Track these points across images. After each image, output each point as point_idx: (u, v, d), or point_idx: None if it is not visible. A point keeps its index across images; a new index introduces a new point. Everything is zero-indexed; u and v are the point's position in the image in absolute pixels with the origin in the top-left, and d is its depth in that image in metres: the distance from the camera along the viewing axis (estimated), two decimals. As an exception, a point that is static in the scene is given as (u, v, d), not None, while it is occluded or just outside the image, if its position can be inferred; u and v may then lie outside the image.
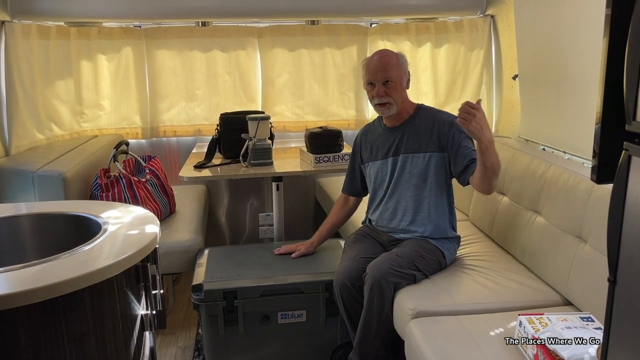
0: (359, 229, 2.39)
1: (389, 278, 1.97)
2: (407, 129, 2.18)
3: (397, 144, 2.19)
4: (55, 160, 2.63)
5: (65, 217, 1.64)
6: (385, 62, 2.11)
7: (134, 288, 1.39)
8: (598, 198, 1.78)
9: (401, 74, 2.13)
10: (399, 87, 2.12)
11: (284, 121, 3.45)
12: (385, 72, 2.10)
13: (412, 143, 2.15)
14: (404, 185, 2.18)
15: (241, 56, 3.34)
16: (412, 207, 2.17)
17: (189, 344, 2.65)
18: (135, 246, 1.35)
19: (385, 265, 2.01)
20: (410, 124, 2.18)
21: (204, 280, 2.26)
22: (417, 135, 2.15)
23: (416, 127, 2.16)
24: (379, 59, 2.14)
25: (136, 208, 1.69)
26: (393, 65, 2.11)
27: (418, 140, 2.14)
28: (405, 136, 2.17)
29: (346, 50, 3.40)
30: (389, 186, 2.22)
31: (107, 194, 2.58)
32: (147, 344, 1.49)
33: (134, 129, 3.37)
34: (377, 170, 2.26)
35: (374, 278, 1.98)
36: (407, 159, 2.16)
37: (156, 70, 3.28)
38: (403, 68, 2.14)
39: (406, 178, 2.17)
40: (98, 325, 1.27)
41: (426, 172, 2.13)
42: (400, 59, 2.15)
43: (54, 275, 1.18)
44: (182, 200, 3.07)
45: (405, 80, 2.16)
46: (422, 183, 2.14)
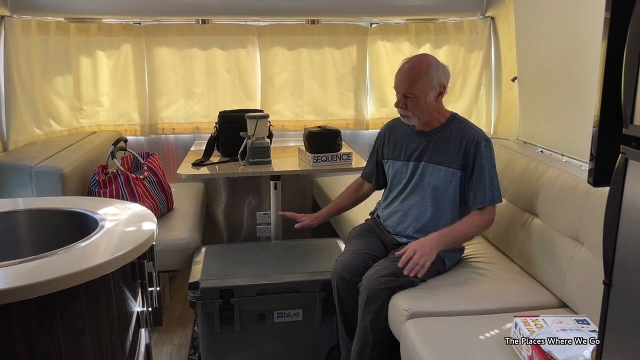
0: (366, 222, 2.38)
1: (384, 290, 1.96)
2: (435, 137, 2.11)
3: (422, 150, 2.13)
4: (53, 156, 2.62)
5: (63, 213, 1.64)
6: (411, 76, 2.03)
7: (130, 285, 1.39)
8: (595, 200, 1.78)
9: (427, 90, 2.02)
10: (421, 102, 2.03)
11: (282, 120, 3.45)
12: (407, 87, 2.03)
13: (437, 154, 2.10)
14: (420, 194, 2.14)
15: (241, 54, 3.33)
16: (423, 217, 2.13)
17: (184, 342, 2.65)
18: (131, 243, 1.34)
19: (380, 279, 1.97)
20: (439, 133, 2.11)
21: (201, 278, 2.26)
22: (444, 147, 2.09)
23: (445, 138, 2.09)
24: (407, 70, 2.05)
25: (133, 205, 1.69)
26: (419, 80, 2.01)
27: (445, 152, 2.08)
28: (432, 144, 2.11)
29: (346, 50, 3.40)
30: (404, 189, 2.19)
31: (104, 191, 2.57)
32: (143, 341, 1.49)
33: (132, 126, 3.37)
34: (397, 171, 2.22)
35: (368, 291, 1.97)
36: (429, 168, 2.11)
37: (155, 67, 3.28)
38: (432, 82, 2.02)
39: (424, 187, 2.13)
40: (94, 322, 1.27)
41: (445, 187, 2.09)
42: (431, 72, 2.02)
43: (50, 271, 1.18)
44: (179, 198, 3.07)
45: (434, 95, 2.04)
46: (438, 196, 2.10)
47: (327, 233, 3.57)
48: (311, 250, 2.54)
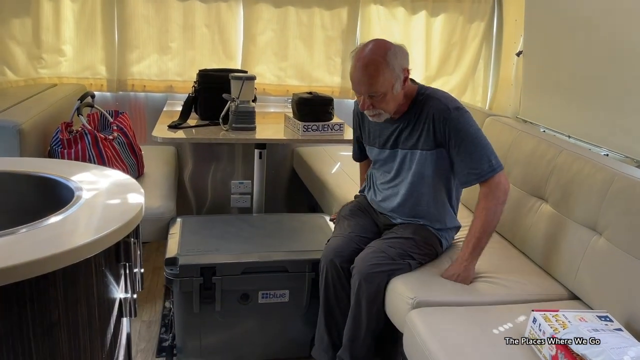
0: (356, 199, 2.21)
1: (379, 274, 1.82)
2: (406, 121, 1.91)
3: (396, 137, 1.94)
4: (9, 109, 2.31)
5: (28, 178, 1.38)
6: (370, 73, 1.76)
7: (113, 268, 1.17)
8: (619, 190, 1.67)
9: (391, 81, 1.78)
10: (389, 96, 1.80)
11: (264, 83, 3.20)
12: (369, 87, 1.79)
13: (409, 138, 1.91)
14: (405, 180, 1.97)
15: (222, 8, 3.05)
16: (409, 201, 1.97)
17: (154, 319, 2.44)
18: (118, 219, 1.12)
19: (374, 260, 1.84)
20: (408, 117, 1.90)
21: (179, 253, 2.05)
22: (415, 130, 1.88)
23: (415, 119, 1.88)
24: (363, 67, 1.77)
25: (113, 172, 1.45)
26: (380, 75, 1.76)
27: (416, 135, 1.88)
28: (404, 130, 1.91)
29: (336, 12, 3.16)
30: (388, 175, 2.02)
31: (69, 151, 2.30)
32: (124, 332, 1.28)
33: (98, 80, 3.05)
34: (375, 157, 2.06)
35: (362, 274, 1.82)
36: (406, 154, 1.93)
37: (127, 16, 2.96)
38: (395, 71, 1.78)
39: (404, 174, 1.96)
40: (71, 313, 1.05)
41: (423, 170, 1.90)
42: (390, 61, 1.76)
43: (18, 253, 0.95)
44: (149, 163, 2.80)
45: (400, 83, 1.80)
46: (419, 181, 1.93)
47: (301, 208, 3.40)
48: (298, 227, 2.36)
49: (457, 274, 1.81)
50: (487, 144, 1.82)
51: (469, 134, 1.80)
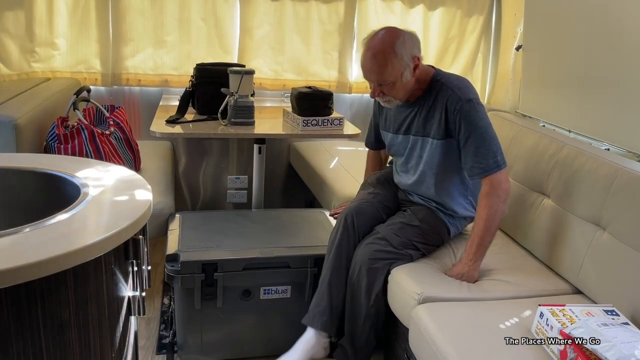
0: (386, 170, 2.28)
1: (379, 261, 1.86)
2: (420, 107, 1.94)
3: (410, 122, 1.98)
4: (4, 103, 2.27)
5: (32, 175, 1.35)
6: (379, 63, 1.80)
7: (122, 266, 1.15)
8: (622, 185, 1.67)
9: (400, 70, 1.81)
10: (398, 84, 1.84)
11: (260, 78, 3.17)
12: (377, 75, 1.83)
13: (422, 125, 1.94)
14: (417, 167, 2.01)
15: (218, 2, 3.01)
16: (421, 186, 2.01)
17: (153, 316, 2.42)
18: (127, 217, 1.10)
19: (376, 247, 1.87)
20: (424, 101, 1.92)
21: (179, 249, 2.03)
22: (429, 117, 1.91)
23: (429, 106, 1.91)
24: (372, 57, 1.82)
25: (117, 167, 1.42)
26: (388, 64, 1.79)
27: (430, 122, 1.91)
28: (417, 115, 1.95)
29: (333, 6, 3.14)
30: (402, 161, 2.08)
31: (65, 146, 2.26)
32: (133, 330, 1.26)
33: (92, 75, 3.00)
34: (390, 142, 2.11)
35: (362, 262, 1.86)
36: (418, 141, 1.97)
37: (121, 9, 2.90)
38: (403, 60, 1.80)
39: (418, 161, 1.99)
40: (81, 312, 1.03)
41: (433, 159, 1.93)
42: (398, 50, 1.79)
43: (28, 252, 0.93)
44: (146, 158, 2.77)
45: (410, 71, 1.83)
46: (429, 168, 1.95)
47: (298, 203, 3.39)
48: (299, 223, 2.34)
49: (462, 274, 1.82)
50: (495, 139, 1.83)
51: (478, 127, 1.81)
